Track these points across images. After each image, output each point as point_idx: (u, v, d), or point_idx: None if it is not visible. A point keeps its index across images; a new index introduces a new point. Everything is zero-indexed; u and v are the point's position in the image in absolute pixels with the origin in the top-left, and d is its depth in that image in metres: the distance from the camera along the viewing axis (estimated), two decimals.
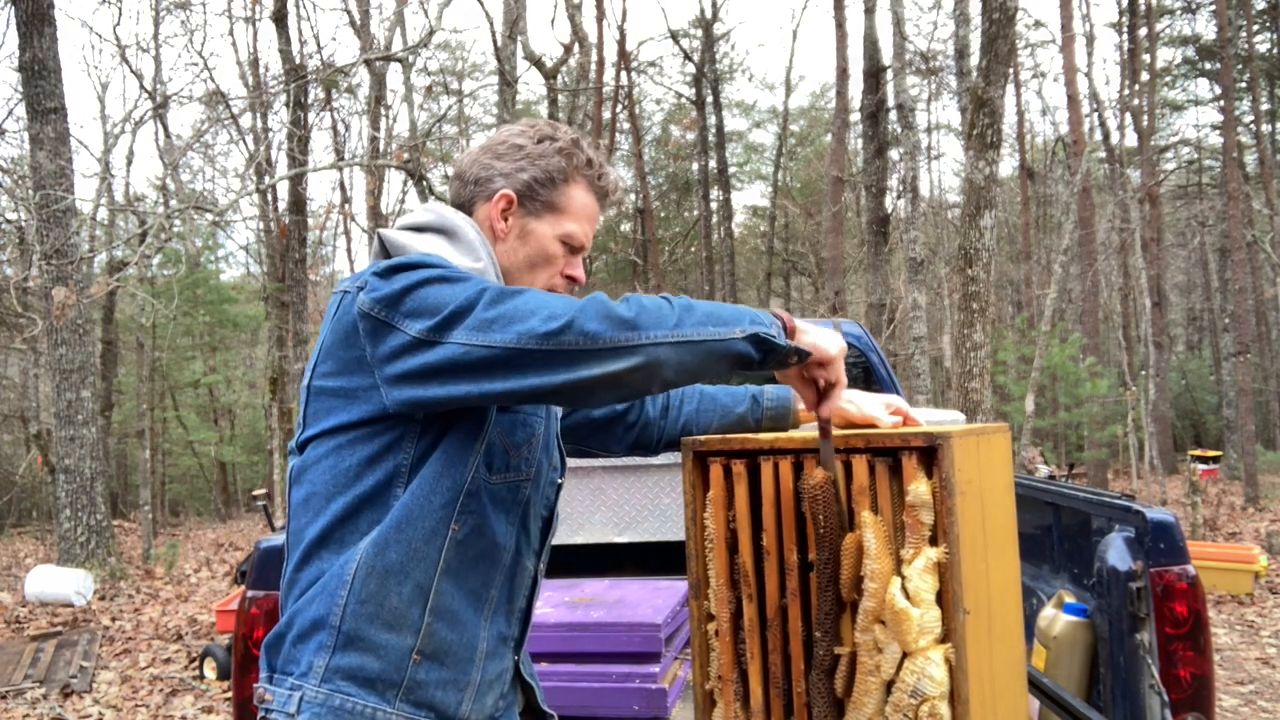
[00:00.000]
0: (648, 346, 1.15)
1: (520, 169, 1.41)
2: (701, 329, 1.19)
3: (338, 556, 1.25)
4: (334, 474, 1.26)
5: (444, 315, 1.17)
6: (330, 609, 1.23)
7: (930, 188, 28.58)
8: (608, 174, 1.49)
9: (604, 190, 1.48)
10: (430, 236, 1.37)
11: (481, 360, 1.15)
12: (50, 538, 13.38)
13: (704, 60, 24.10)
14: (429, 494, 1.26)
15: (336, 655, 1.23)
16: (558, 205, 1.43)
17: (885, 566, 1.39)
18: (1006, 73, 7.04)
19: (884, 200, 16.15)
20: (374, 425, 1.25)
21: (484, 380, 1.17)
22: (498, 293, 1.18)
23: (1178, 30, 22.86)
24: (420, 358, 1.18)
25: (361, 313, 1.21)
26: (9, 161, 14.66)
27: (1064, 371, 14.05)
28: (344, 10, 18.87)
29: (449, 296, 1.18)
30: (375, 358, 1.21)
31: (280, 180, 14.05)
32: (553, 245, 1.43)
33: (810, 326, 1.35)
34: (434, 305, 1.18)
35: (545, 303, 1.17)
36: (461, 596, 1.29)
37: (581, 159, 1.44)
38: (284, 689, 1.25)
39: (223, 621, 6.50)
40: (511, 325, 1.15)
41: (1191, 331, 30.35)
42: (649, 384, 1.18)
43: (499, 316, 1.16)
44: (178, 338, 19.81)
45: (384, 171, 17.78)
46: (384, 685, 1.24)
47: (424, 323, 1.18)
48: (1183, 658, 2.08)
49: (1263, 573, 7.84)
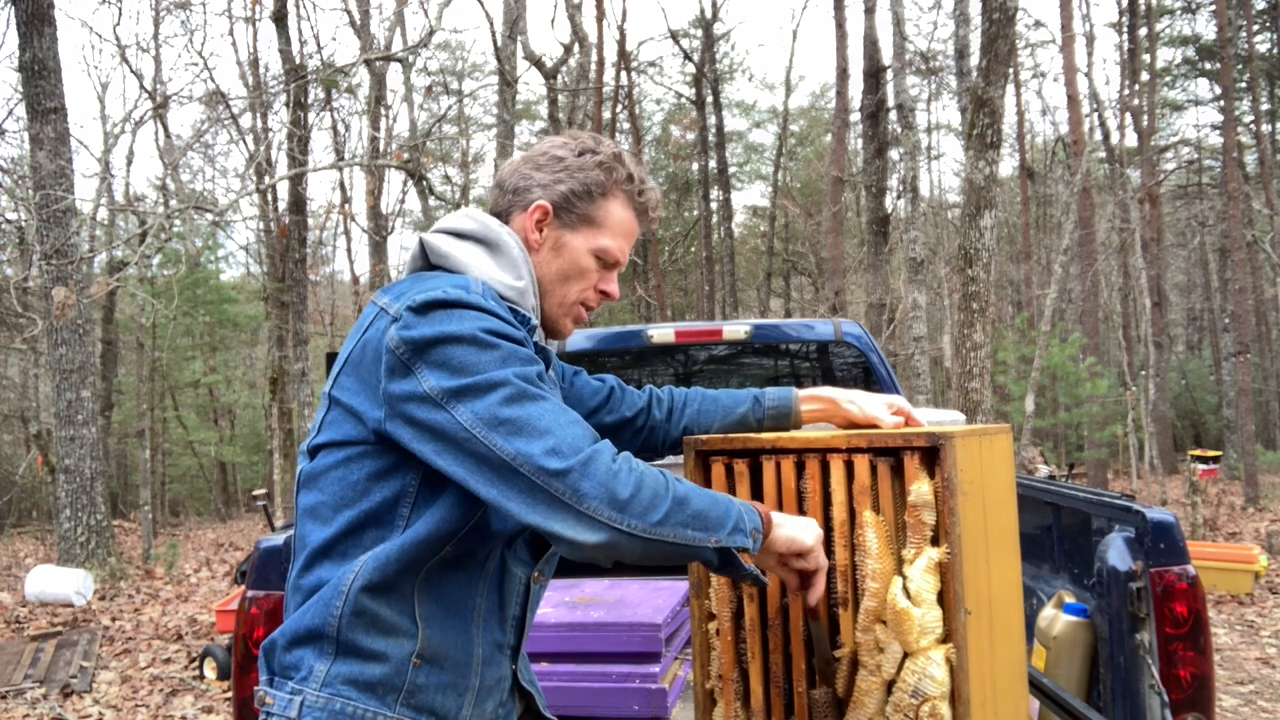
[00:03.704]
0: (623, 533, 1.14)
1: (558, 180, 1.41)
2: (681, 532, 1.17)
3: (338, 568, 1.25)
4: (342, 485, 1.26)
5: (461, 384, 1.16)
6: (326, 619, 1.24)
7: (930, 188, 28.60)
8: (649, 190, 1.47)
9: (644, 206, 1.46)
10: (472, 246, 1.37)
11: (475, 454, 1.15)
12: (50, 538, 13.38)
13: (704, 60, 24.10)
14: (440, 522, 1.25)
15: (338, 661, 1.24)
16: (594, 219, 1.41)
17: (887, 566, 1.39)
18: (1006, 73, 7.04)
19: (884, 200, 16.14)
20: (383, 443, 1.24)
21: (467, 472, 1.16)
22: (520, 391, 1.16)
23: (1178, 30, 22.88)
24: (425, 413, 1.18)
25: (388, 348, 1.21)
26: (9, 161, 14.68)
27: (1064, 371, 14.05)
28: (344, 10, 18.86)
29: (474, 365, 1.17)
30: (388, 393, 1.21)
31: (280, 180, 14.04)
32: (586, 259, 1.41)
33: (787, 520, 1.33)
34: (457, 367, 1.17)
35: (558, 428, 1.15)
36: (447, 604, 1.29)
37: (622, 174, 1.43)
38: (285, 693, 1.25)
39: (223, 621, 6.50)
40: (516, 438, 1.14)
41: (1191, 331, 30.35)
42: (603, 559, 1.18)
43: (510, 420, 1.14)
44: (178, 338, 19.81)
45: (384, 171, 17.78)
46: (384, 689, 1.24)
47: (441, 381, 1.17)
48: (1183, 658, 2.08)
49: (1263, 573, 7.84)
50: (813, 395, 1.71)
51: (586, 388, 1.69)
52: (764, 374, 3.93)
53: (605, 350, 3.71)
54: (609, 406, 1.69)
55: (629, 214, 1.45)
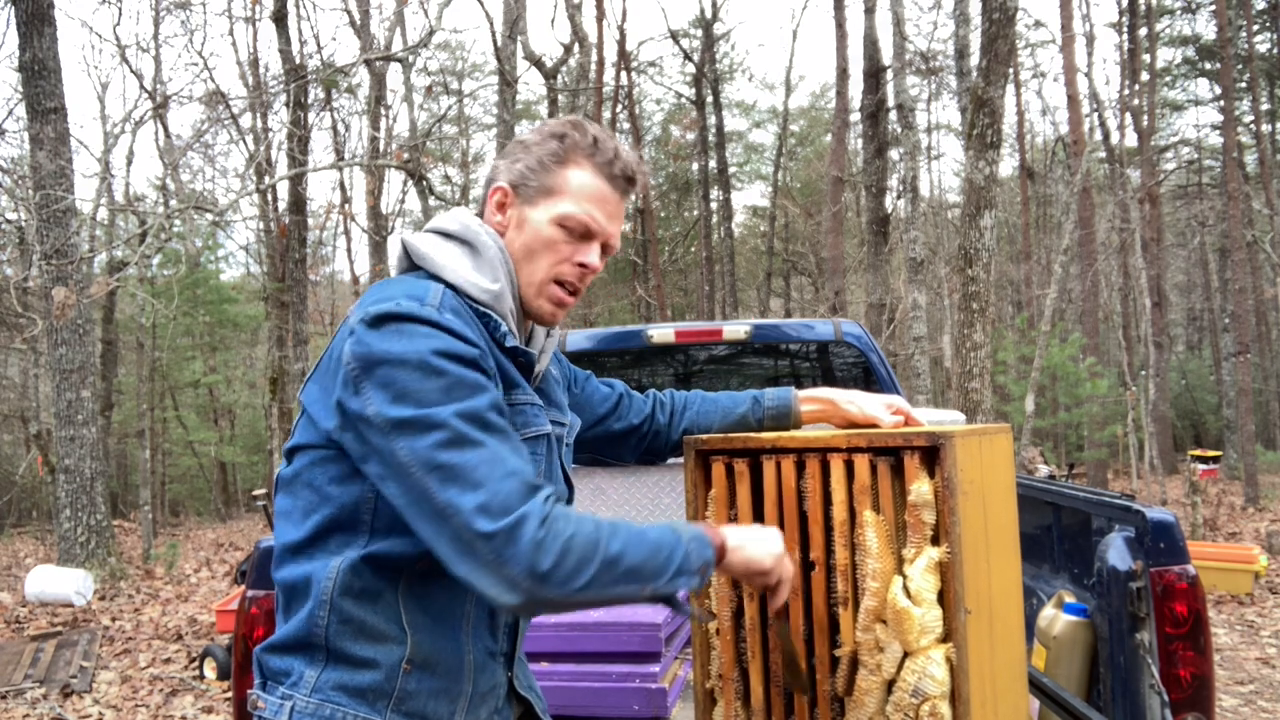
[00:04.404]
0: (543, 600, 1.13)
1: (517, 160, 1.39)
2: (608, 590, 1.16)
3: (312, 569, 1.24)
4: (309, 489, 1.26)
5: (402, 417, 1.14)
6: (313, 629, 1.24)
7: (930, 188, 28.62)
8: (621, 155, 1.39)
9: (614, 172, 1.38)
10: (454, 247, 1.35)
11: (412, 489, 1.13)
12: (50, 538, 13.38)
13: (704, 60, 24.10)
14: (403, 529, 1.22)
15: (328, 668, 1.23)
16: (552, 188, 1.36)
17: (887, 566, 1.39)
18: (1006, 73, 7.04)
19: (884, 200, 16.15)
20: (341, 448, 1.23)
21: (404, 504, 1.15)
22: (456, 436, 1.13)
23: (1178, 30, 22.88)
24: (371, 436, 1.16)
25: (343, 360, 1.20)
26: (9, 161, 14.68)
27: (1064, 371, 14.05)
28: (344, 10, 18.87)
29: (417, 395, 1.14)
30: (340, 405, 1.20)
31: (280, 180, 14.05)
32: (547, 229, 1.35)
33: (746, 540, 1.31)
34: (400, 393, 1.14)
35: (491, 481, 1.12)
36: (434, 612, 1.28)
37: (582, 140, 1.37)
38: (275, 697, 1.25)
39: (223, 621, 6.50)
40: (450, 486, 1.11)
41: (1191, 331, 30.36)
42: (524, 616, 1.18)
43: (445, 467, 1.12)
44: (178, 338, 19.81)
45: (384, 171, 17.78)
46: (375, 695, 1.23)
47: (384, 409, 1.15)
48: (1183, 658, 2.07)
49: (1263, 573, 7.84)
50: (812, 395, 1.72)
51: (596, 394, 1.69)
52: (764, 374, 3.93)
53: (605, 350, 3.70)
54: (617, 414, 1.70)
55: (597, 180, 1.37)
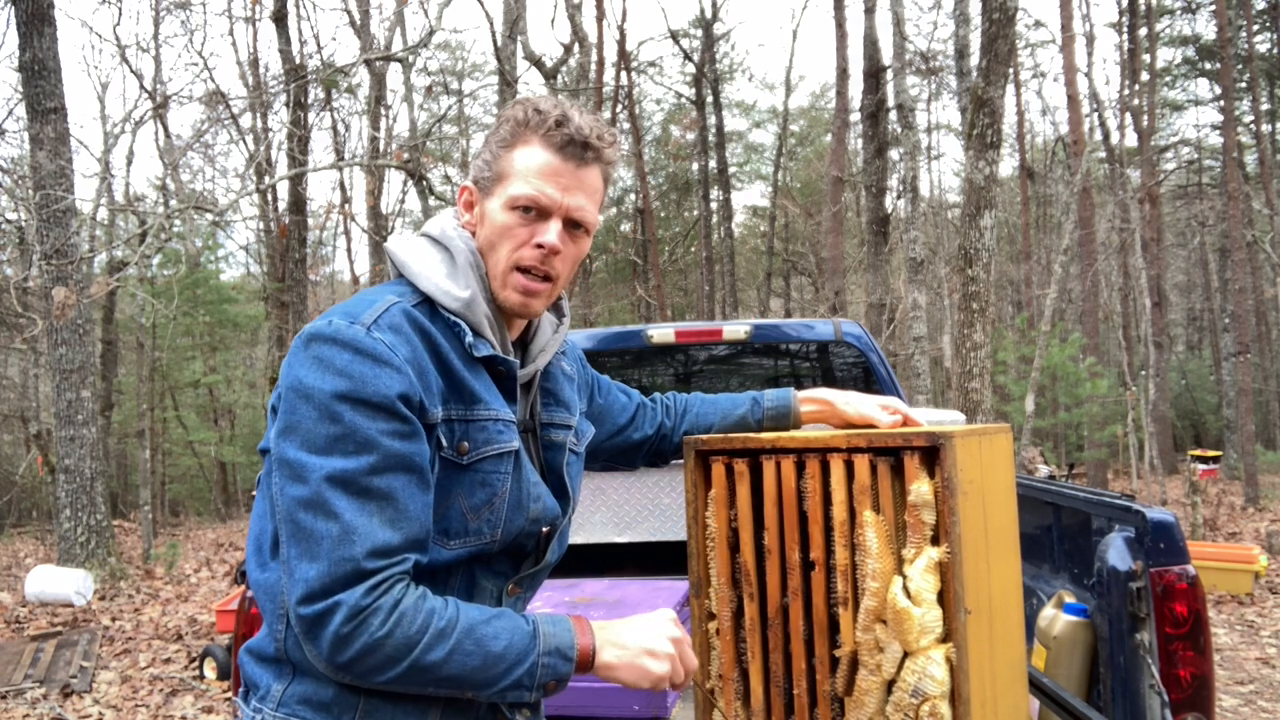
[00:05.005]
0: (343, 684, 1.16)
1: (479, 156, 1.37)
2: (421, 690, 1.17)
3: (270, 576, 1.24)
4: (266, 494, 1.26)
5: (283, 455, 1.16)
6: (273, 642, 1.24)
7: (930, 188, 28.63)
8: (565, 118, 1.29)
9: (560, 141, 1.28)
10: (435, 253, 1.35)
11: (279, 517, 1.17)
12: (50, 538, 13.38)
13: (704, 60, 24.09)
14: None
15: (295, 682, 1.23)
16: (502, 174, 1.32)
17: (887, 566, 1.39)
18: (1006, 73, 7.03)
19: (884, 200, 16.15)
20: None
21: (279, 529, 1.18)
22: (319, 500, 1.13)
23: (1178, 30, 22.88)
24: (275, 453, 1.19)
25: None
26: (9, 161, 14.68)
27: (1064, 371, 14.05)
28: (344, 10, 18.87)
29: (307, 437, 1.15)
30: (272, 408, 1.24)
31: (280, 180, 14.05)
32: (500, 215, 1.31)
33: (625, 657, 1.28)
34: (291, 425, 1.16)
35: (324, 557, 1.11)
36: None
37: (529, 116, 1.30)
38: (249, 709, 1.26)
39: (223, 621, 6.50)
40: (294, 546, 1.13)
41: (1191, 331, 30.36)
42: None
43: (297, 524, 1.14)
44: (178, 338, 19.80)
45: (384, 171, 17.78)
46: (340, 709, 1.21)
47: (279, 434, 1.18)
48: (1183, 658, 2.07)
49: (1263, 573, 7.84)
50: (811, 396, 1.73)
51: (616, 404, 1.71)
52: (764, 374, 3.93)
53: (605, 350, 3.70)
54: (635, 424, 1.72)
55: (546, 153, 1.29)
